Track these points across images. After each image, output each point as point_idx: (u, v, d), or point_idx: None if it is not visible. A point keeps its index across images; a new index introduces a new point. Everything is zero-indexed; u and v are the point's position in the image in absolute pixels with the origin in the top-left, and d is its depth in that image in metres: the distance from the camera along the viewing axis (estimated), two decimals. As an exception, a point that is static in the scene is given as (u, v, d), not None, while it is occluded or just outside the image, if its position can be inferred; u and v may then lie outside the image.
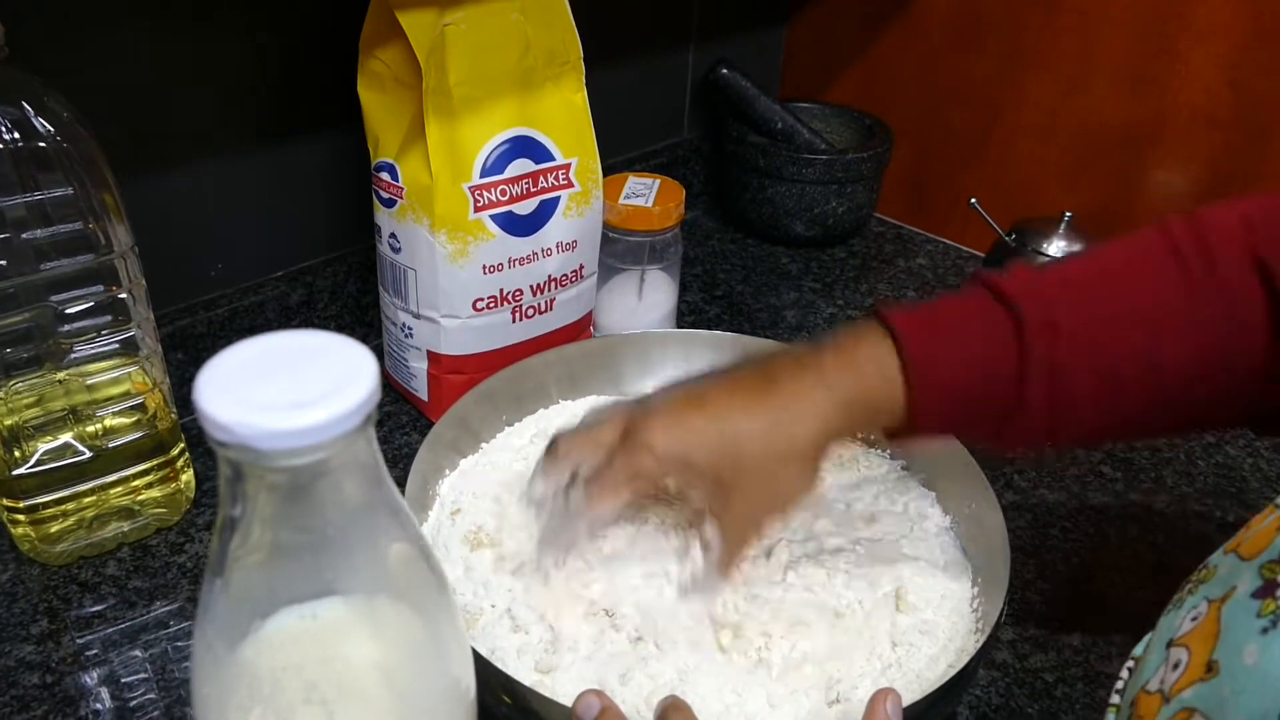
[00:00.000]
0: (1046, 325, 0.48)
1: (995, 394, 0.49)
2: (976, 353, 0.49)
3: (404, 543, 0.34)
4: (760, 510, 0.53)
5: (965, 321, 0.50)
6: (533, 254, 0.72)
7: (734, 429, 0.50)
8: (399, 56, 0.65)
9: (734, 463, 0.50)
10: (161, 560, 0.65)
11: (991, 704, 0.58)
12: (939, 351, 0.50)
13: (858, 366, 0.50)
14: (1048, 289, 0.50)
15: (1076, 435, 0.51)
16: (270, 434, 0.27)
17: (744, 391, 0.52)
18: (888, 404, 0.50)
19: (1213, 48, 0.87)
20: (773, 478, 0.51)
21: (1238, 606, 0.35)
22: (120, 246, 0.57)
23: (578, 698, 0.43)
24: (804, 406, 0.50)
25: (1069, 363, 0.48)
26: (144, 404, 0.63)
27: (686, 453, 0.51)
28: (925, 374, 0.49)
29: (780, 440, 0.50)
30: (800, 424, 0.50)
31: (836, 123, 1.11)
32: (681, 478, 0.52)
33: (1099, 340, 0.48)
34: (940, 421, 0.51)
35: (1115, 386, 0.49)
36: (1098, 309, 0.49)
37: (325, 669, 0.32)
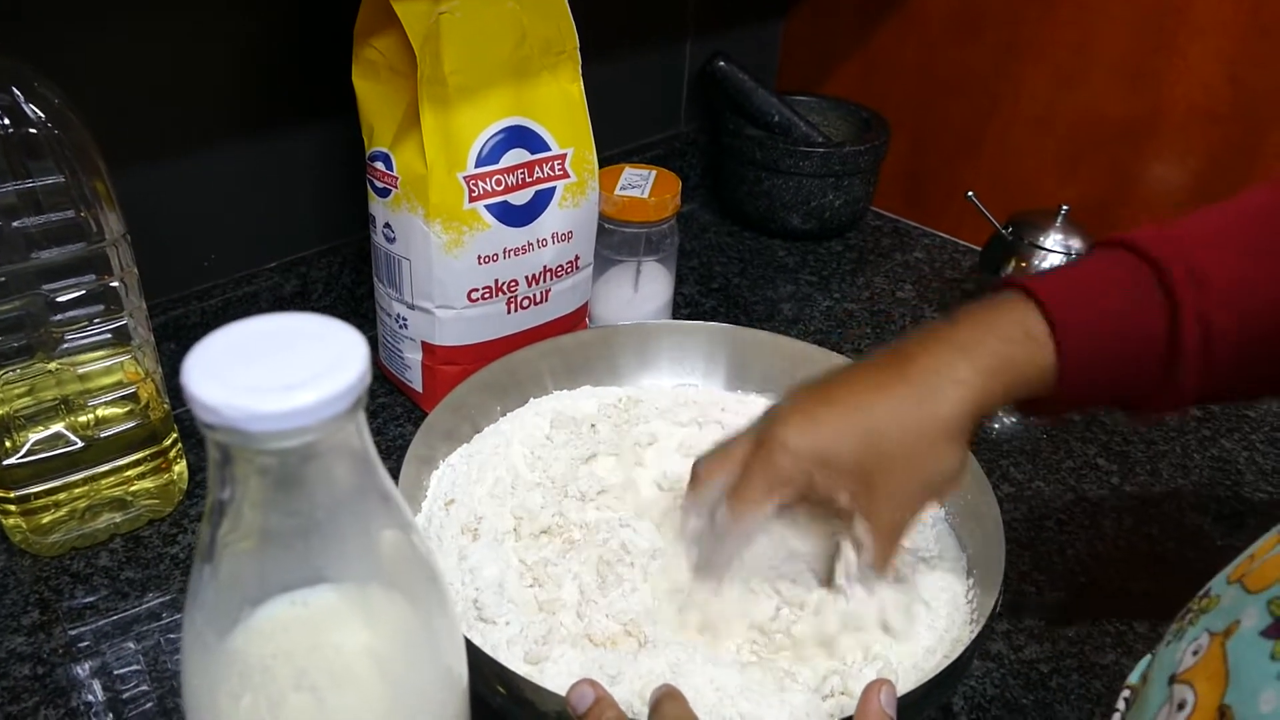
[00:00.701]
0: (1193, 275, 0.46)
1: (1146, 350, 0.47)
2: (1124, 308, 0.47)
3: (395, 530, 0.33)
4: (911, 498, 0.50)
5: (1107, 279, 0.49)
6: (528, 244, 0.72)
7: (871, 416, 0.48)
8: (394, 45, 0.65)
9: (876, 452, 0.48)
10: (154, 551, 0.65)
11: (987, 695, 0.57)
12: (1085, 309, 0.48)
13: (999, 330, 0.48)
14: (1188, 240, 0.48)
15: (1225, 392, 0.49)
16: (258, 416, 0.27)
17: (876, 376, 0.49)
18: (1035, 368, 0.48)
19: (1211, 42, 0.87)
20: (920, 461, 0.48)
21: (1246, 645, 0.34)
22: (112, 235, 0.57)
23: (571, 687, 0.43)
24: (944, 379, 0.48)
25: (1219, 316, 0.46)
26: (136, 394, 0.63)
27: (825, 449, 0.48)
28: (1073, 330, 0.47)
29: (923, 419, 0.48)
30: (943, 398, 0.47)
31: (833, 115, 1.10)
32: (823, 476, 0.49)
33: (1249, 287, 0.46)
34: (1090, 383, 0.49)
35: (1266, 337, 0.47)
36: (1243, 254, 0.47)
37: (316, 656, 0.32)
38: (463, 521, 0.59)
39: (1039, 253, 0.88)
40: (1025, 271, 0.88)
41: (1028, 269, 0.88)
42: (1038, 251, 0.88)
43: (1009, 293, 0.49)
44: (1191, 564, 0.67)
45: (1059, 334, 0.47)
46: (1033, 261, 0.88)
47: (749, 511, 0.50)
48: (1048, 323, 0.47)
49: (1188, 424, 0.80)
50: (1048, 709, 0.57)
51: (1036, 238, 0.88)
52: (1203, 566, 0.67)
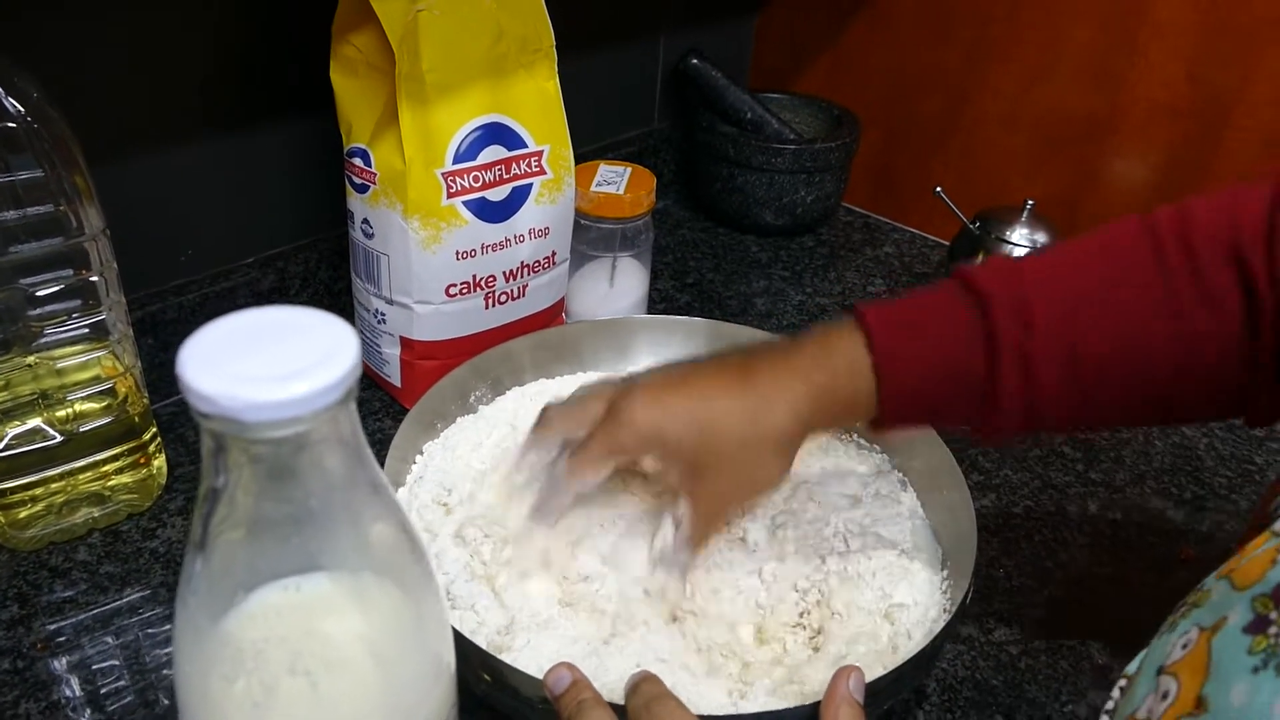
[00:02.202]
0: (1018, 316, 0.49)
1: (966, 387, 0.50)
2: (945, 347, 0.50)
3: (386, 519, 0.34)
4: (731, 493, 0.55)
5: (936, 316, 0.51)
6: (505, 240, 0.72)
7: (711, 412, 0.52)
8: (372, 42, 0.65)
9: (709, 444, 0.52)
10: (133, 546, 0.65)
11: (958, 677, 0.59)
12: (908, 347, 0.50)
13: (830, 361, 0.52)
14: (1020, 280, 0.50)
15: (1054, 425, 0.51)
16: (253, 405, 0.27)
17: (725, 377, 0.53)
18: (860, 398, 0.51)
19: (1171, 41, 0.89)
20: (745, 463, 0.52)
21: (1228, 639, 0.34)
22: (91, 229, 0.57)
23: (548, 671, 0.44)
24: (779, 396, 0.51)
25: (1042, 354, 0.48)
26: (114, 388, 0.63)
27: (664, 431, 0.52)
28: (894, 369, 0.50)
29: (755, 426, 0.51)
30: (775, 413, 0.51)
31: (805, 113, 1.12)
32: (659, 454, 0.53)
33: (1073, 330, 0.48)
34: (911, 415, 0.53)
35: (1091, 377, 0.49)
36: (1071, 299, 0.49)
37: (309, 641, 0.33)
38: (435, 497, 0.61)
39: (1005, 246, 0.90)
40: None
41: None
42: (1004, 245, 0.90)
43: (847, 325, 0.52)
44: (1154, 548, 0.69)
45: (882, 371, 0.50)
46: (999, 255, 0.89)
47: (585, 472, 0.54)
48: (873, 358, 0.51)
49: (1150, 414, 0.82)
50: (1017, 689, 0.58)
51: (1003, 232, 0.90)
52: (1165, 550, 0.69)
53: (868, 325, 0.51)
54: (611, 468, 0.55)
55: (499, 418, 0.68)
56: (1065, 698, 0.58)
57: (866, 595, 0.55)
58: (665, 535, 0.55)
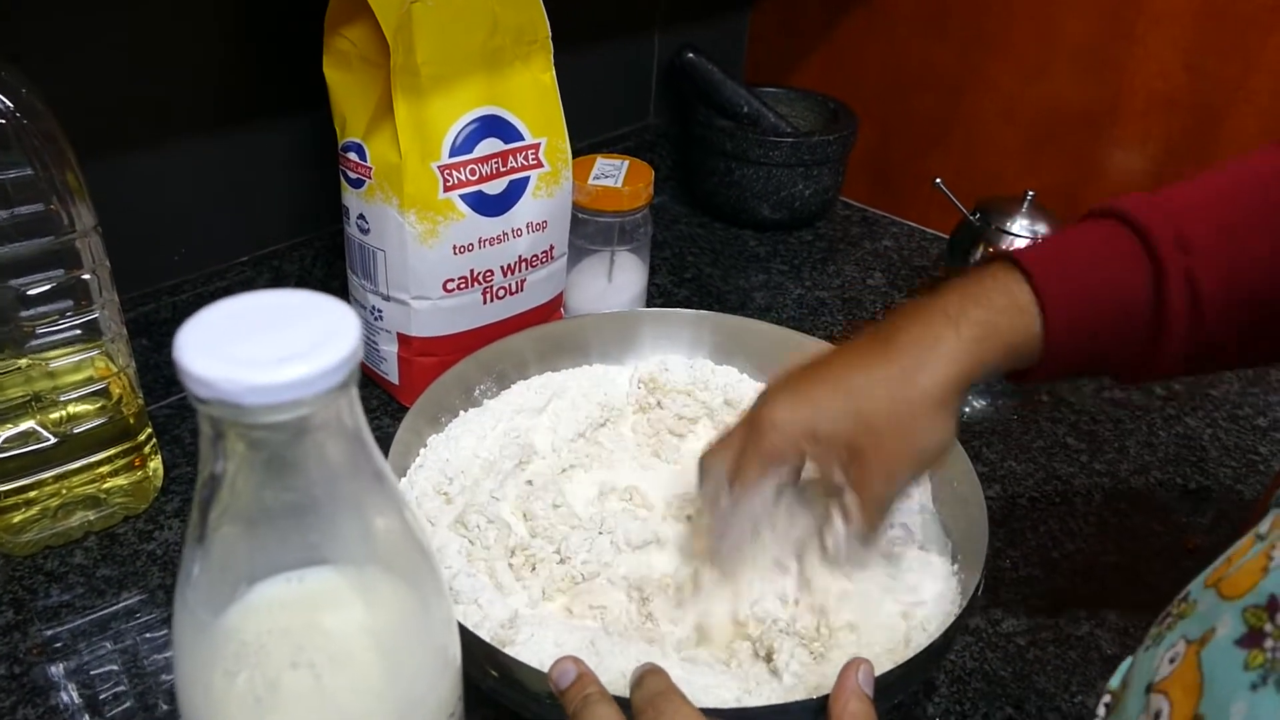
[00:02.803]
0: (1178, 240, 0.47)
1: (1132, 316, 0.48)
2: (1110, 275, 0.48)
3: (389, 509, 0.33)
4: (901, 469, 0.50)
5: (1094, 248, 0.49)
6: (503, 234, 0.72)
7: (857, 389, 0.48)
8: (366, 35, 0.65)
9: (864, 424, 0.48)
10: (130, 548, 0.64)
11: (966, 668, 0.58)
12: (1071, 276, 0.48)
13: (986, 300, 0.48)
14: (1173, 206, 0.48)
15: (1217, 353, 0.49)
16: (252, 389, 0.27)
17: (862, 352, 0.50)
18: (1022, 336, 0.48)
19: (1168, 31, 0.89)
20: (908, 432, 0.48)
21: (1220, 654, 0.33)
22: (83, 228, 0.56)
23: (554, 664, 0.43)
24: (929, 350, 0.48)
25: (1205, 272, 0.46)
26: (108, 389, 0.62)
27: (813, 423, 0.49)
28: (1058, 301, 0.47)
29: (910, 390, 0.48)
30: (928, 369, 0.48)
31: (801, 107, 1.11)
32: (815, 451, 0.49)
33: (1232, 248, 0.47)
34: (1077, 349, 0.49)
35: (1254, 293, 0.47)
36: (1226, 218, 0.47)
37: (313, 633, 0.32)
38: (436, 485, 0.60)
39: (1006, 238, 0.89)
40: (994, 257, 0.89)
41: (996, 254, 0.89)
42: (1005, 237, 0.89)
43: (996, 265, 0.50)
44: (1160, 537, 0.69)
45: (1045, 302, 0.48)
46: (1000, 247, 0.89)
47: (748, 492, 0.50)
48: (1034, 292, 0.48)
49: (1153, 403, 0.82)
50: (1025, 680, 0.58)
51: (1004, 223, 0.89)
52: (1170, 540, 0.69)
53: (1024, 261, 0.48)
54: (774, 484, 0.50)
55: (504, 410, 0.67)
56: (1074, 688, 0.57)
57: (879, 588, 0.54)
58: (837, 533, 0.51)
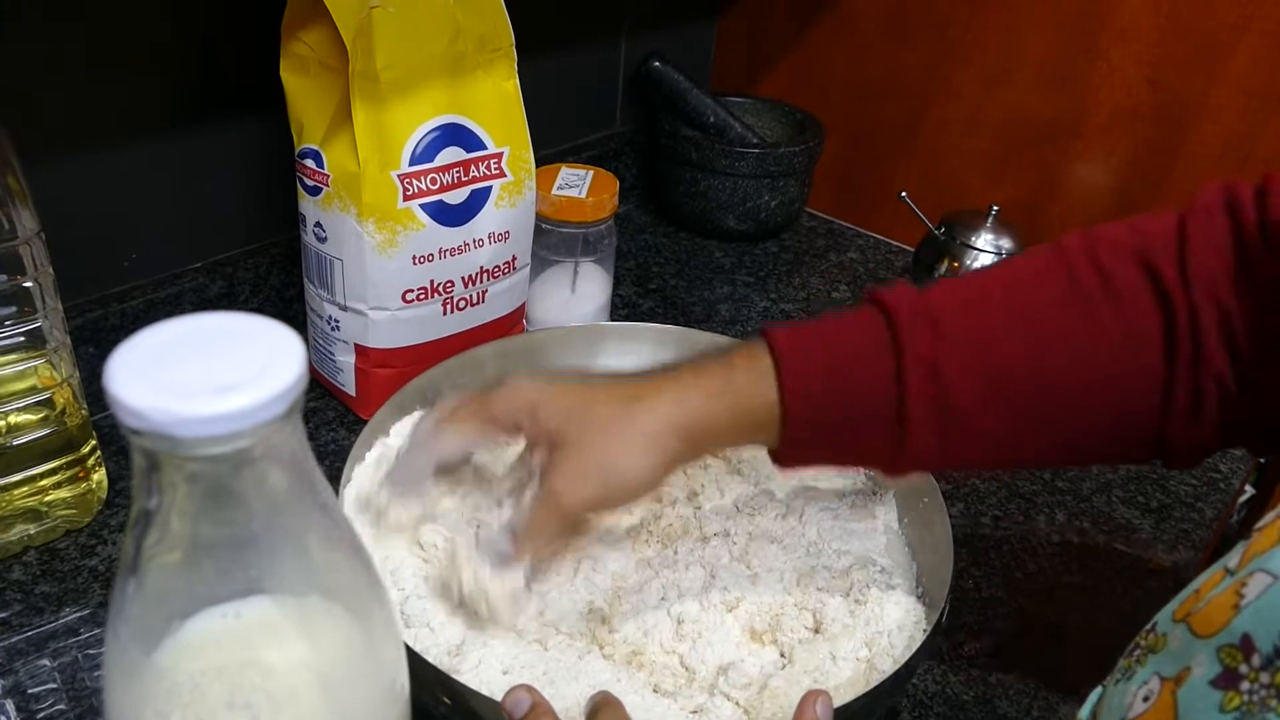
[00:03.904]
0: (925, 327, 0.47)
1: (872, 393, 0.48)
2: (850, 351, 0.48)
3: (335, 539, 0.32)
4: (585, 481, 0.49)
5: (841, 326, 0.50)
6: (464, 245, 0.70)
7: (590, 397, 0.50)
8: (324, 39, 0.63)
9: (578, 423, 0.49)
10: (71, 564, 0.62)
11: (929, 692, 0.58)
12: (812, 353, 0.49)
13: (731, 360, 0.50)
14: (930, 295, 0.49)
15: (972, 453, 0.49)
16: (188, 420, 0.25)
17: (620, 381, 0.52)
18: (759, 401, 0.49)
19: (1133, 46, 0.89)
20: (608, 450, 0.49)
21: (1196, 695, 0.32)
22: (25, 233, 0.54)
23: (507, 693, 0.42)
24: (663, 390, 0.50)
25: (950, 365, 0.47)
26: (52, 399, 0.60)
27: (540, 400, 0.50)
28: (795, 371, 0.48)
29: (628, 415, 0.49)
30: (652, 403, 0.49)
31: (768, 117, 1.11)
32: (528, 427, 0.51)
33: (981, 343, 0.47)
34: (818, 425, 0.49)
35: (1002, 395, 0.47)
36: (978, 306, 0.48)
37: (250, 673, 0.31)
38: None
39: (971, 252, 0.89)
40: (957, 272, 0.89)
41: (960, 269, 0.89)
42: (970, 251, 0.89)
43: (757, 337, 0.51)
44: (1123, 556, 0.69)
45: (782, 366, 0.49)
46: (965, 261, 0.89)
47: (447, 434, 0.53)
48: (773, 358, 0.49)
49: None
50: (988, 704, 0.57)
51: (968, 238, 0.89)
52: (1132, 559, 0.69)
53: (772, 336, 0.50)
54: (476, 436, 0.53)
55: None
56: (1037, 713, 0.57)
57: (842, 613, 0.54)
58: (499, 517, 0.52)
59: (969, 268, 0.89)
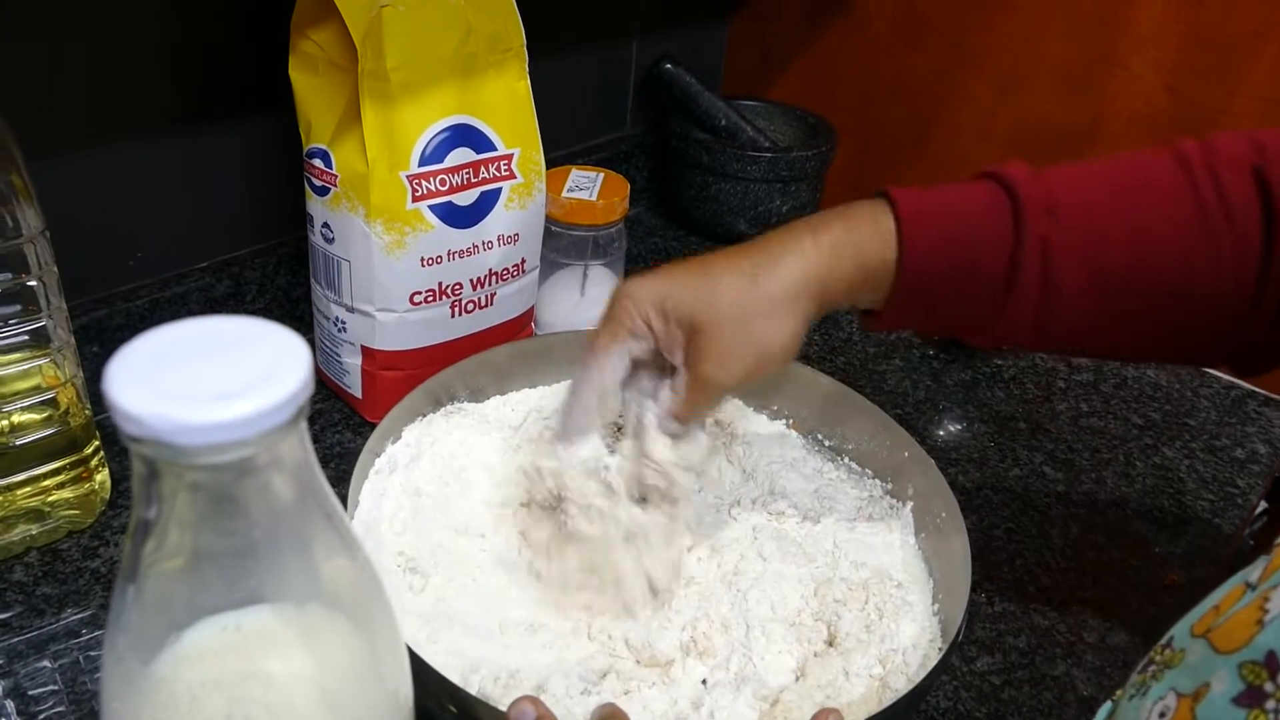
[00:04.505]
0: (1044, 207, 0.49)
1: (987, 266, 0.49)
2: (971, 221, 0.50)
3: (338, 548, 0.31)
4: (731, 357, 0.51)
5: (964, 195, 0.51)
6: (473, 246, 0.70)
7: (711, 275, 0.50)
8: (333, 38, 0.63)
9: (708, 305, 0.50)
10: (73, 565, 0.61)
11: (940, 708, 0.57)
12: (934, 216, 0.50)
13: (850, 220, 0.51)
14: (1051, 181, 0.50)
15: (1062, 332, 0.51)
16: (189, 428, 0.25)
17: (733, 250, 0.52)
18: (876, 259, 0.50)
19: (1151, 54, 0.88)
20: (746, 321, 0.50)
21: (1217, 712, 0.32)
22: (29, 231, 0.54)
23: (512, 704, 0.41)
24: (785, 251, 0.50)
25: (1063, 243, 0.49)
26: (55, 399, 0.59)
27: (663, 296, 0.51)
28: (919, 231, 0.49)
29: (757, 282, 0.49)
30: (779, 266, 0.50)
31: (780, 120, 1.10)
32: (660, 324, 0.51)
33: (1095, 224, 0.49)
34: (928, 287, 0.51)
35: (1103, 286, 0.49)
36: (1097, 201, 0.50)
37: (249, 684, 0.30)
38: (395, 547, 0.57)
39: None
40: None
41: None
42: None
43: (872, 198, 0.52)
44: (1138, 571, 0.68)
45: (904, 231, 0.50)
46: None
47: (598, 361, 0.53)
48: (896, 220, 0.50)
49: (1130, 432, 0.81)
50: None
51: (982, 245, 0.88)
52: (1147, 575, 0.68)
53: (894, 195, 0.50)
54: (624, 352, 0.52)
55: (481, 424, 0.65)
56: (1049, 729, 0.56)
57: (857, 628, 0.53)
58: (661, 400, 0.52)
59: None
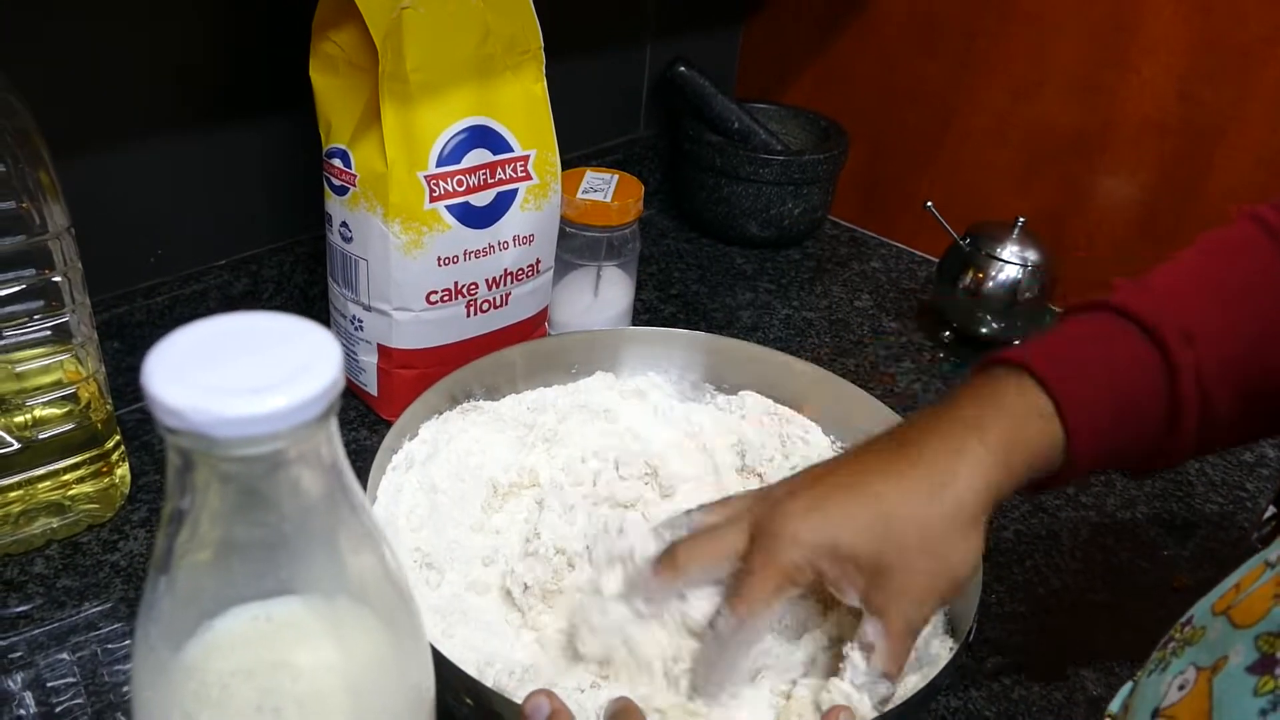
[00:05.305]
0: (1184, 343, 0.47)
1: (1148, 413, 0.48)
2: (1122, 373, 0.47)
3: (365, 543, 0.32)
4: (930, 592, 0.45)
5: (1100, 344, 0.48)
6: (489, 247, 0.70)
7: (885, 502, 0.45)
8: (354, 39, 0.63)
9: (893, 542, 0.44)
10: (93, 558, 0.62)
11: (950, 707, 0.57)
12: (1084, 381, 0.47)
13: (1008, 410, 0.46)
14: (1166, 296, 0.48)
15: (1220, 438, 0.50)
16: (225, 421, 0.25)
17: (885, 459, 0.47)
18: (1047, 444, 0.46)
19: (1162, 59, 0.88)
20: (940, 550, 0.45)
21: (1231, 681, 0.33)
22: (55, 228, 0.54)
23: (527, 697, 0.41)
24: (961, 462, 0.45)
25: (1210, 375, 0.47)
26: (77, 394, 0.60)
27: (836, 539, 0.45)
28: (1078, 402, 0.46)
29: (941, 503, 0.45)
30: (962, 482, 0.45)
31: (792, 124, 1.10)
32: (832, 568, 0.45)
33: (1231, 346, 0.47)
34: (1098, 452, 0.48)
35: (1245, 390, 0.47)
36: (1220, 309, 0.48)
37: (279, 675, 0.30)
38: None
39: (995, 264, 0.88)
40: (982, 283, 0.89)
41: (984, 280, 0.88)
42: (994, 262, 0.88)
43: (1002, 368, 0.48)
44: (1148, 574, 0.68)
45: (1065, 409, 0.46)
46: (989, 272, 0.88)
47: (757, 611, 0.46)
48: (1051, 398, 0.46)
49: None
50: (1010, 721, 0.57)
51: (994, 249, 0.89)
52: (1159, 576, 0.68)
53: (1035, 367, 0.47)
54: (783, 601, 0.47)
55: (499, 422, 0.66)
56: (1060, 729, 0.57)
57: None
58: (855, 668, 0.46)
59: (993, 279, 0.88)
